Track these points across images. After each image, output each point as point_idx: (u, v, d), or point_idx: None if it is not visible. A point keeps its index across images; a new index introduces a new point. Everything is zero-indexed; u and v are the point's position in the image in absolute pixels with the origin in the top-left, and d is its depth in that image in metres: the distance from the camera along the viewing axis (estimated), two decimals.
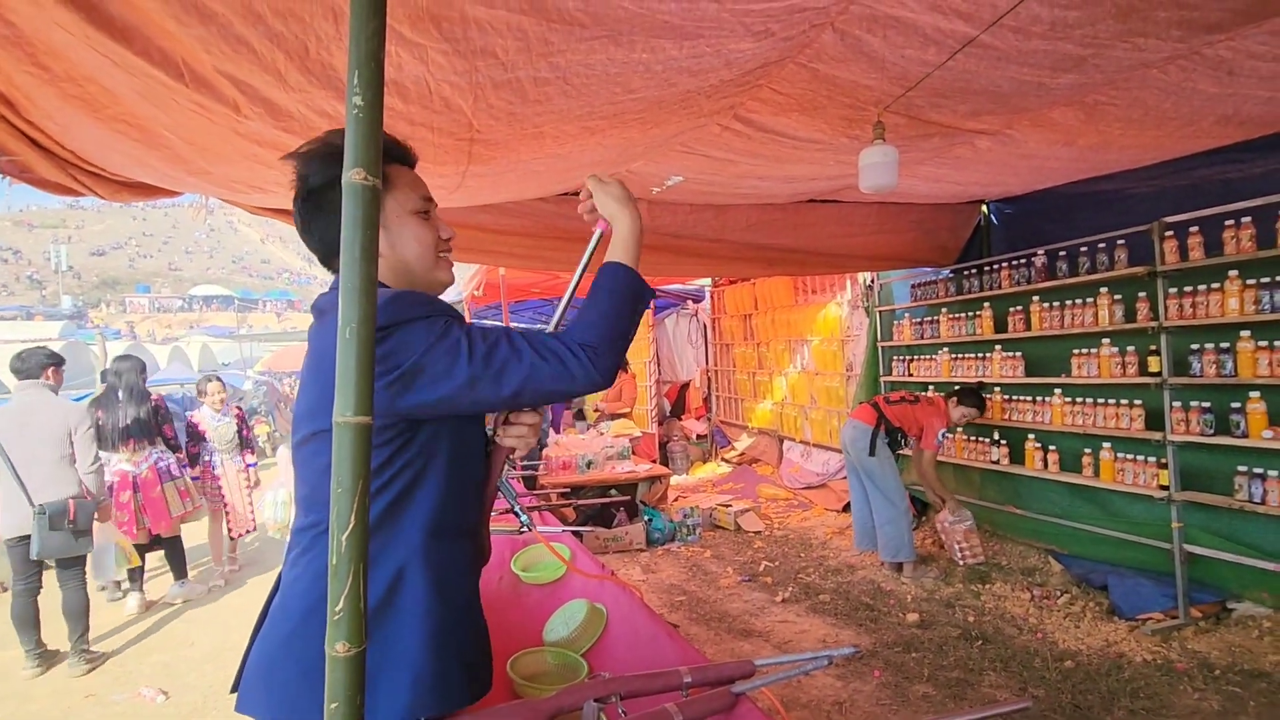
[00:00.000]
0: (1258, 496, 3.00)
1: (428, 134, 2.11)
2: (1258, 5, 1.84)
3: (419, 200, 1.15)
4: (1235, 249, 3.03)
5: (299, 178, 1.11)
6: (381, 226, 1.07)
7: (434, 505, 1.05)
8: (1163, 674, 2.89)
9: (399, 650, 1.00)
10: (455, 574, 1.09)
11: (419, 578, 1.03)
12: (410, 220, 1.13)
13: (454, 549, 1.09)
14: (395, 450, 1.02)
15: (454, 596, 1.07)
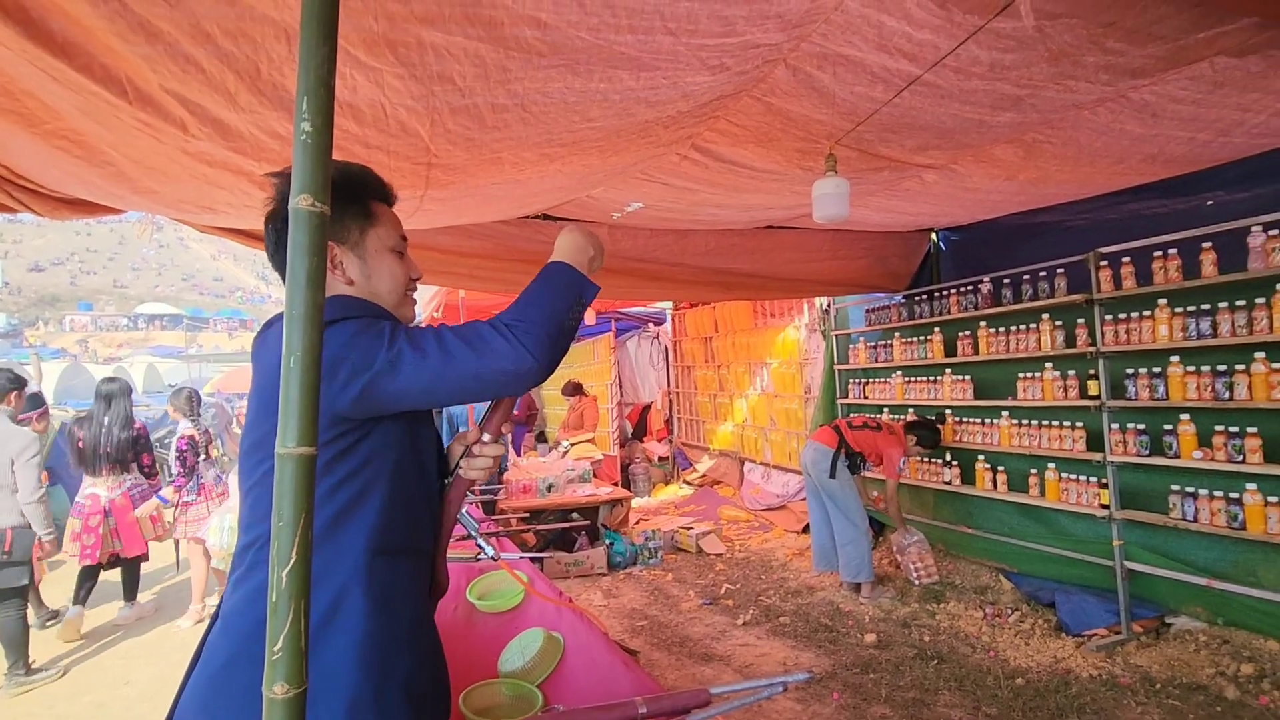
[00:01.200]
0: (1190, 515, 3.14)
1: (384, 157, 2.09)
2: (1176, 54, 1.97)
3: (397, 239, 1.19)
4: (1164, 279, 3.21)
5: (279, 197, 1.12)
6: (359, 258, 1.14)
7: (379, 521, 1.03)
8: (1108, 689, 2.97)
9: (334, 672, 0.97)
10: (400, 595, 1.05)
11: (359, 597, 1.00)
12: (387, 256, 1.17)
13: (400, 568, 1.06)
14: (335, 456, 1.01)
15: (397, 618, 1.04)
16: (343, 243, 1.13)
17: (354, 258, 1.15)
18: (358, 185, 1.17)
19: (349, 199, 1.14)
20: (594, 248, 1.17)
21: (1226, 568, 3.16)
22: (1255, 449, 2.89)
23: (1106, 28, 1.80)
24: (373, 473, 1.04)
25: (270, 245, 1.16)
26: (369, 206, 1.17)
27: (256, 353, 1.10)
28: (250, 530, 1.04)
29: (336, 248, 1.13)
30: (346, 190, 1.12)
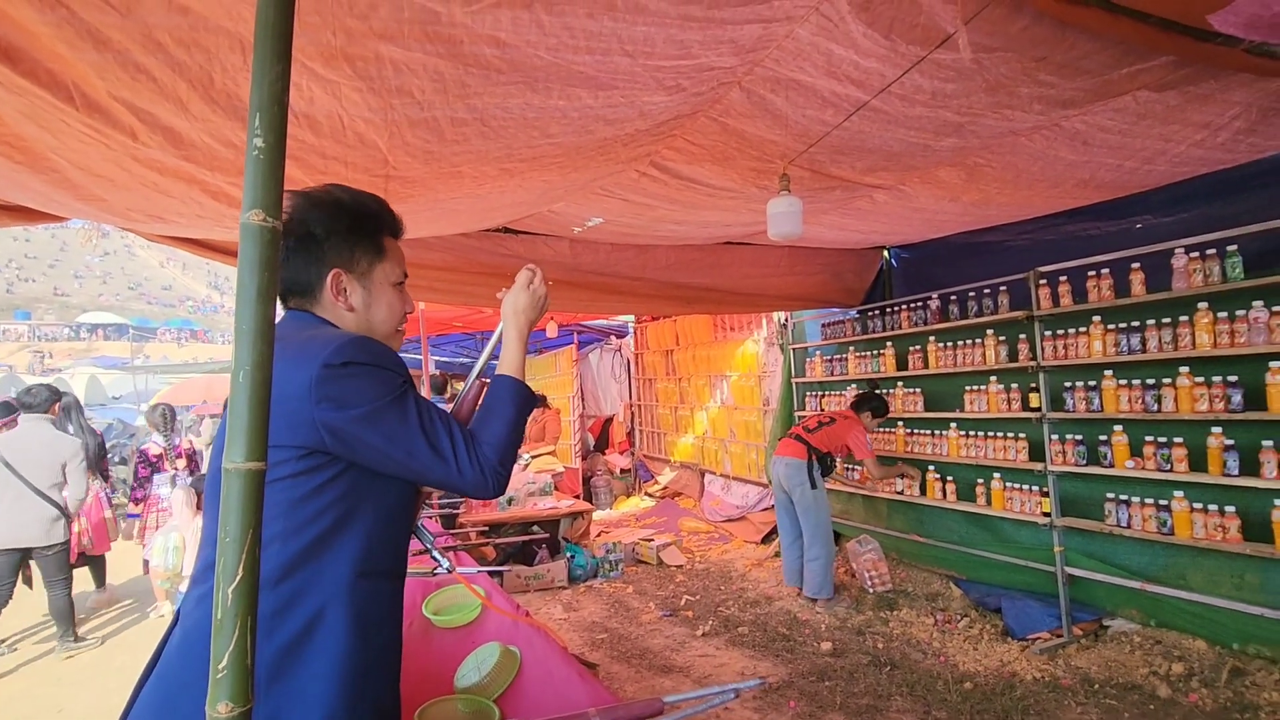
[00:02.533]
0: (1124, 521, 3.30)
1: (341, 169, 2.08)
2: (1102, 87, 2.11)
3: (400, 274, 1.24)
4: (1097, 297, 3.38)
5: (297, 217, 1.15)
6: (364, 288, 1.18)
7: (364, 544, 1.05)
8: (1050, 691, 3.09)
9: (313, 693, 0.98)
10: (379, 616, 1.07)
11: (341, 618, 1.01)
12: (390, 290, 1.22)
13: (381, 591, 1.08)
14: (327, 480, 1.02)
15: (375, 639, 1.05)
16: (350, 271, 1.16)
17: (359, 287, 1.18)
18: (374, 219, 1.21)
19: (363, 231, 1.18)
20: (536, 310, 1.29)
21: (1158, 571, 3.32)
22: (1181, 458, 3.06)
23: (1038, 61, 1.91)
24: (360, 496, 1.05)
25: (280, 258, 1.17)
26: (381, 241, 1.21)
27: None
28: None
29: (344, 275, 1.16)
30: (362, 222, 1.18)
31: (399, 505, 1.12)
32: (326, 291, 1.15)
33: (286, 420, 0.99)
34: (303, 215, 1.15)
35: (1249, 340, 2.85)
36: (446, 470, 1.06)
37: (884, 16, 1.65)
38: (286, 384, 0.99)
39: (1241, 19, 1.71)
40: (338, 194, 1.18)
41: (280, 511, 0.99)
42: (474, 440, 1.10)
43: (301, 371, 1.00)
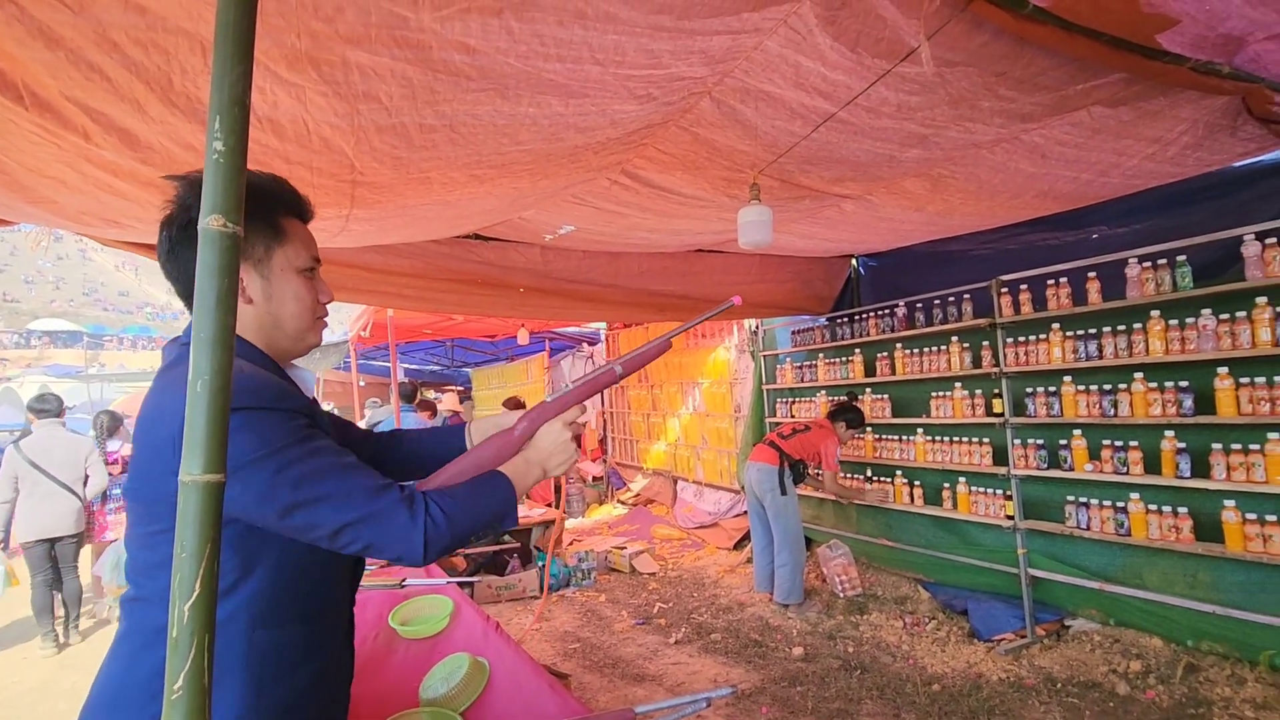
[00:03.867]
0: (1084, 523, 3.39)
1: (306, 173, 2.05)
2: (1059, 102, 2.18)
3: (308, 259, 1.10)
4: (1056, 305, 3.48)
5: (180, 204, 1.02)
6: (262, 276, 1.05)
7: (264, 596, 0.95)
8: (1015, 690, 3.15)
9: None
10: (281, 667, 0.97)
11: (238, 674, 0.93)
12: (294, 278, 1.08)
13: (284, 641, 0.98)
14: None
15: (275, 691, 0.96)
16: (245, 259, 1.02)
17: (256, 276, 1.04)
18: (266, 198, 1.06)
19: (254, 213, 0.97)
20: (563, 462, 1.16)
21: (1116, 571, 3.42)
22: (1137, 461, 3.16)
23: (998, 76, 1.97)
24: (250, 556, 0.94)
25: (162, 251, 1.05)
26: (278, 222, 1.07)
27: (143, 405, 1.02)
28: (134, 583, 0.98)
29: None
30: (253, 203, 0.99)
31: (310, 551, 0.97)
32: None
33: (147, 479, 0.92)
34: (185, 200, 1.02)
35: (1198, 347, 2.96)
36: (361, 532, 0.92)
37: (850, 30, 1.69)
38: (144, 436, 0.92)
39: (1188, 38, 1.78)
40: None
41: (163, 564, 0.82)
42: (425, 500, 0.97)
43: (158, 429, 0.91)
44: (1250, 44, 1.85)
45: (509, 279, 4.04)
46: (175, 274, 1.04)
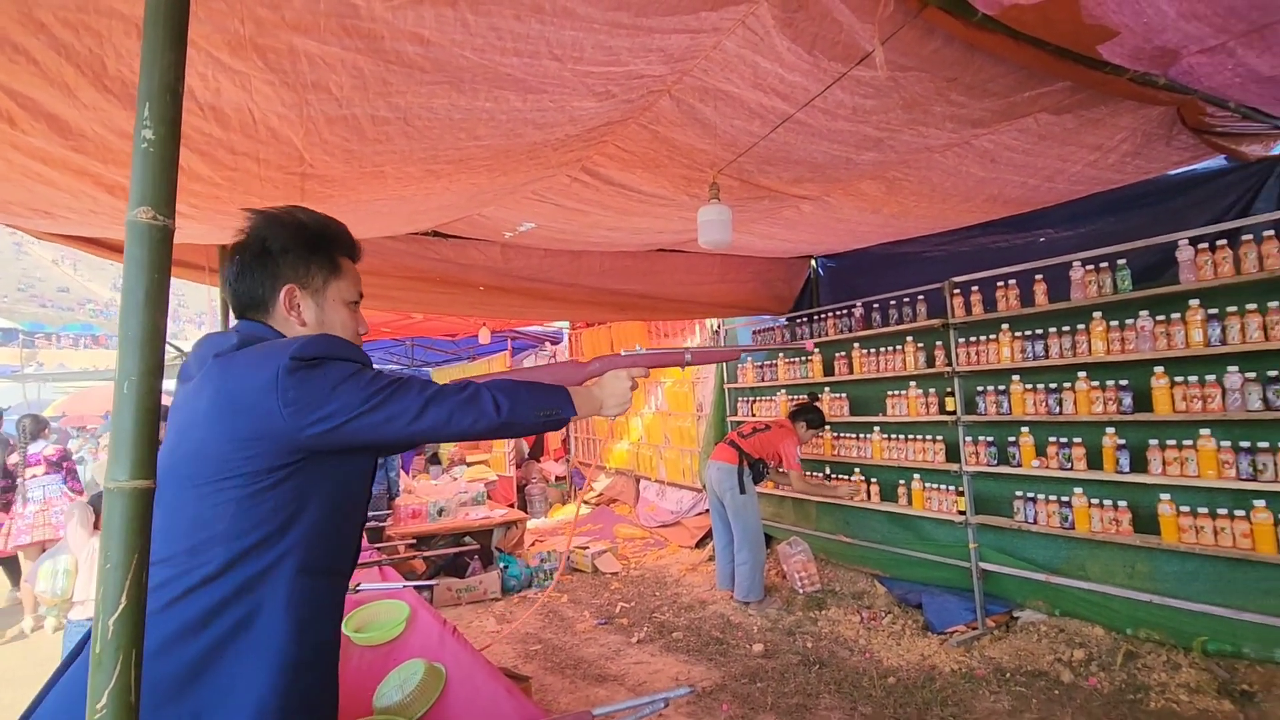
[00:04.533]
0: (1031, 517, 3.50)
1: (252, 165, 1.98)
2: (1007, 109, 2.24)
3: (355, 294, 1.27)
4: (1005, 306, 3.59)
5: (254, 234, 1.18)
6: (317, 305, 1.20)
7: (309, 541, 1.07)
8: (966, 681, 3.23)
9: (241, 690, 0.99)
10: (317, 614, 1.08)
11: (277, 616, 1.02)
12: (342, 308, 1.24)
13: (320, 588, 1.09)
14: (279, 480, 1.04)
15: (311, 637, 1.06)
16: (305, 287, 1.19)
17: (312, 303, 1.20)
18: (330, 238, 1.24)
19: (320, 249, 1.21)
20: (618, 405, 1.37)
21: (1061, 564, 3.54)
22: (1080, 457, 3.28)
23: (950, 82, 2.01)
24: (309, 493, 1.07)
25: (232, 274, 1.20)
26: (336, 259, 1.24)
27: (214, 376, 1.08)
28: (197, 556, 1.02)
29: (298, 290, 1.18)
30: (320, 241, 1.21)
31: (349, 503, 1.15)
32: (280, 306, 1.18)
33: (245, 419, 1.02)
34: (260, 232, 1.18)
35: (1137, 347, 3.09)
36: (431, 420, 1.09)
37: (806, 32, 1.70)
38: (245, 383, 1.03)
39: (1127, 50, 1.85)
40: (298, 214, 1.22)
41: (228, 511, 1.01)
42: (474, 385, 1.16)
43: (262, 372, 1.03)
44: (1184, 57, 1.94)
45: (469, 277, 3.98)
46: (241, 292, 1.19)
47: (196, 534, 1.01)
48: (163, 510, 1.04)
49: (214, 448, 1.02)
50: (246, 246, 1.18)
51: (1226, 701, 2.75)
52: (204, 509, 1.01)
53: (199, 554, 1.00)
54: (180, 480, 1.03)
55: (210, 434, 1.03)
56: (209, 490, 1.01)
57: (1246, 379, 2.74)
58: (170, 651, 0.96)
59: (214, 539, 1.00)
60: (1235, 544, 2.78)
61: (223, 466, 1.02)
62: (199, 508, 1.01)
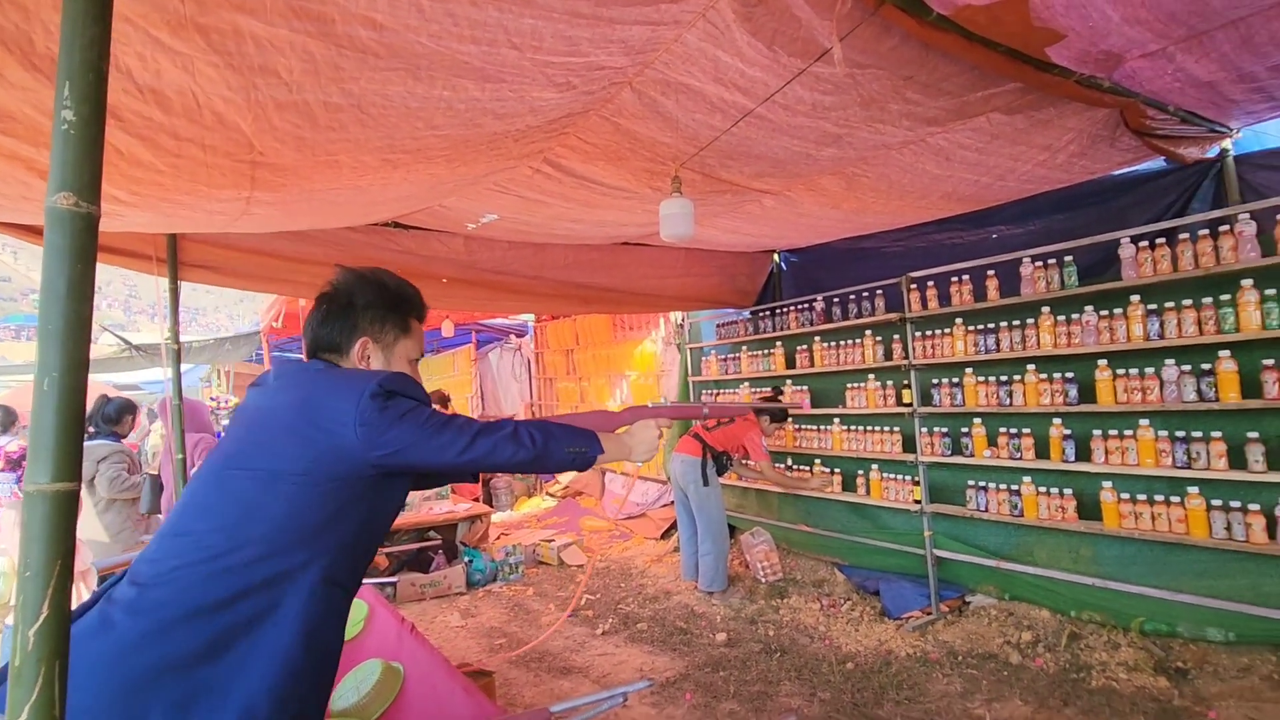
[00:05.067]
0: (983, 505, 3.61)
1: (198, 152, 1.90)
2: (961, 108, 2.29)
3: (418, 353, 1.40)
4: (959, 301, 3.68)
5: (343, 288, 1.32)
6: (385, 359, 1.33)
7: (336, 551, 1.14)
8: (920, 665, 3.33)
9: (237, 685, 1.03)
10: (326, 625, 1.14)
11: (293, 618, 1.08)
12: (405, 365, 1.36)
13: (335, 599, 1.16)
14: (322, 493, 1.12)
15: (317, 646, 1.11)
16: (378, 341, 1.32)
17: (381, 356, 1.33)
18: (408, 302, 1.38)
19: (396, 310, 1.35)
20: (646, 452, 1.50)
21: (1010, 550, 3.67)
22: (1029, 447, 3.40)
23: (906, 80, 2.05)
24: (347, 511, 1.16)
25: (316, 320, 1.32)
26: (408, 321, 1.37)
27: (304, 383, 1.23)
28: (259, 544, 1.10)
29: (371, 343, 1.31)
30: (398, 303, 1.35)
31: (378, 526, 1.24)
32: (353, 354, 1.30)
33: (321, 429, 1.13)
34: (349, 286, 1.32)
35: (1082, 341, 3.20)
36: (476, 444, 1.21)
37: (766, 27, 1.71)
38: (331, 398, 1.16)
39: (1073, 53, 1.91)
40: (383, 276, 1.35)
41: (279, 505, 1.10)
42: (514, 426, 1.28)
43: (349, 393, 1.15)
44: (1127, 61, 2.01)
45: (431, 269, 3.91)
46: (321, 336, 1.31)
47: (248, 515, 1.10)
48: (222, 490, 1.15)
49: (284, 446, 1.13)
50: (334, 298, 1.32)
51: (1162, 679, 2.89)
52: (258, 496, 1.11)
53: (246, 530, 1.09)
54: (244, 467, 1.14)
55: (285, 432, 1.15)
56: (268, 481, 1.11)
57: (1182, 372, 2.87)
58: (193, 622, 1.02)
59: (260, 524, 1.09)
60: (1171, 529, 2.91)
61: (287, 464, 1.12)
62: (255, 494, 1.11)
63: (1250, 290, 2.68)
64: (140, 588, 1.07)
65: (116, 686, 0.98)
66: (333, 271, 1.40)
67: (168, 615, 1.03)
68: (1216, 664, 2.91)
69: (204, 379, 10.96)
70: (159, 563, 1.09)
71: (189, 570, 1.07)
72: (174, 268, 3.32)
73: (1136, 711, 2.73)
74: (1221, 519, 2.76)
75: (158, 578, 1.07)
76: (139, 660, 0.99)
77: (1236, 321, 2.72)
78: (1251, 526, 2.68)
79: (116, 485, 3.92)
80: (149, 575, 1.08)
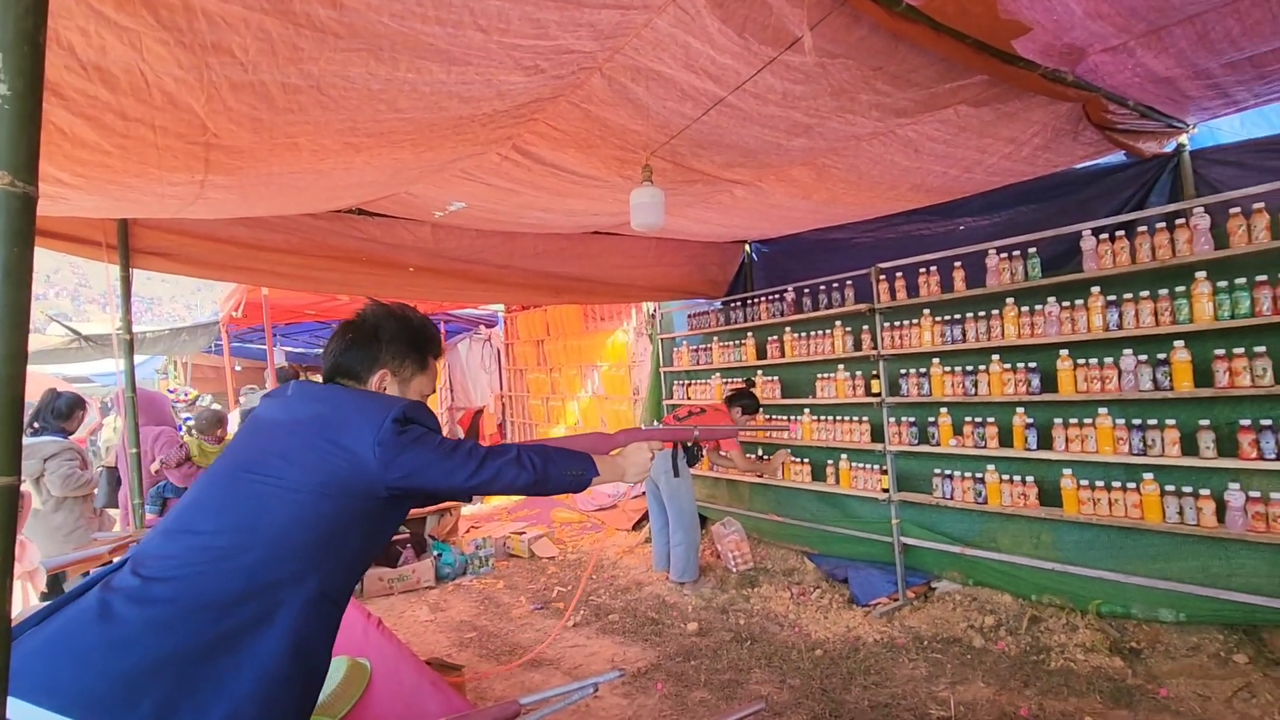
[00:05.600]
0: (948, 494, 3.69)
1: (147, 133, 1.82)
2: (930, 99, 2.31)
3: (431, 389, 1.47)
4: (927, 292, 3.73)
5: (370, 320, 1.39)
6: (400, 391, 1.39)
7: (337, 567, 1.18)
8: (887, 650, 3.39)
9: (228, 688, 1.04)
10: (316, 640, 1.16)
11: (285, 630, 1.09)
12: (417, 399, 1.42)
13: (327, 616, 1.18)
14: (331, 508, 1.16)
15: (306, 660, 1.13)
16: (395, 375, 1.38)
17: (397, 389, 1.39)
18: (430, 341, 1.45)
19: (419, 348, 1.42)
20: (639, 473, 1.56)
21: (975, 537, 3.75)
22: (993, 435, 3.47)
23: (875, 71, 2.05)
24: (351, 528, 1.20)
25: (342, 346, 1.37)
26: (427, 359, 1.44)
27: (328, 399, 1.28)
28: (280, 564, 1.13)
29: (389, 376, 1.37)
30: (419, 341, 1.42)
31: (374, 546, 1.28)
32: (371, 384, 1.36)
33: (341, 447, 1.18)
34: (376, 320, 1.39)
35: (1044, 331, 3.27)
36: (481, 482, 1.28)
37: (737, 14, 1.70)
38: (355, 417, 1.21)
39: (1038, 45, 1.94)
40: (409, 314, 1.43)
41: (289, 512, 1.14)
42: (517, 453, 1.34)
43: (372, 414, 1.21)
44: (1090, 55, 2.04)
45: (397, 258, 3.83)
46: (343, 363, 1.37)
47: (259, 520, 1.13)
48: (236, 494, 1.18)
49: (304, 458, 1.17)
50: (359, 328, 1.39)
51: (1117, 659, 2.99)
52: (272, 503, 1.14)
53: (256, 534, 1.12)
54: (261, 474, 1.17)
55: (306, 446, 1.19)
56: (283, 491, 1.15)
57: (1139, 361, 2.95)
58: (199, 619, 1.05)
59: (269, 530, 1.12)
60: (1127, 514, 3.01)
61: (305, 476, 1.16)
62: (269, 502, 1.14)
63: (1204, 282, 2.76)
64: (145, 580, 1.09)
65: (116, 673, 0.99)
66: (300, 260, 1.39)
67: (174, 610, 1.05)
68: (1168, 643, 3.03)
69: (159, 371, 10.61)
70: (168, 558, 1.12)
71: (198, 568, 1.09)
72: (125, 254, 3.20)
73: (1093, 691, 2.82)
74: (1174, 504, 2.86)
75: (165, 572, 1.10)
76: (140, 649, 1.02)
77: (1190, 312, 2.81)
78: (1202, 511, 2.78)
79: (71, 483, 3.75)
80: (156, 569, 1.10)
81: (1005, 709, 2.76)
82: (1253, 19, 1.88)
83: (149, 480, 4.26)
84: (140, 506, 3.51)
